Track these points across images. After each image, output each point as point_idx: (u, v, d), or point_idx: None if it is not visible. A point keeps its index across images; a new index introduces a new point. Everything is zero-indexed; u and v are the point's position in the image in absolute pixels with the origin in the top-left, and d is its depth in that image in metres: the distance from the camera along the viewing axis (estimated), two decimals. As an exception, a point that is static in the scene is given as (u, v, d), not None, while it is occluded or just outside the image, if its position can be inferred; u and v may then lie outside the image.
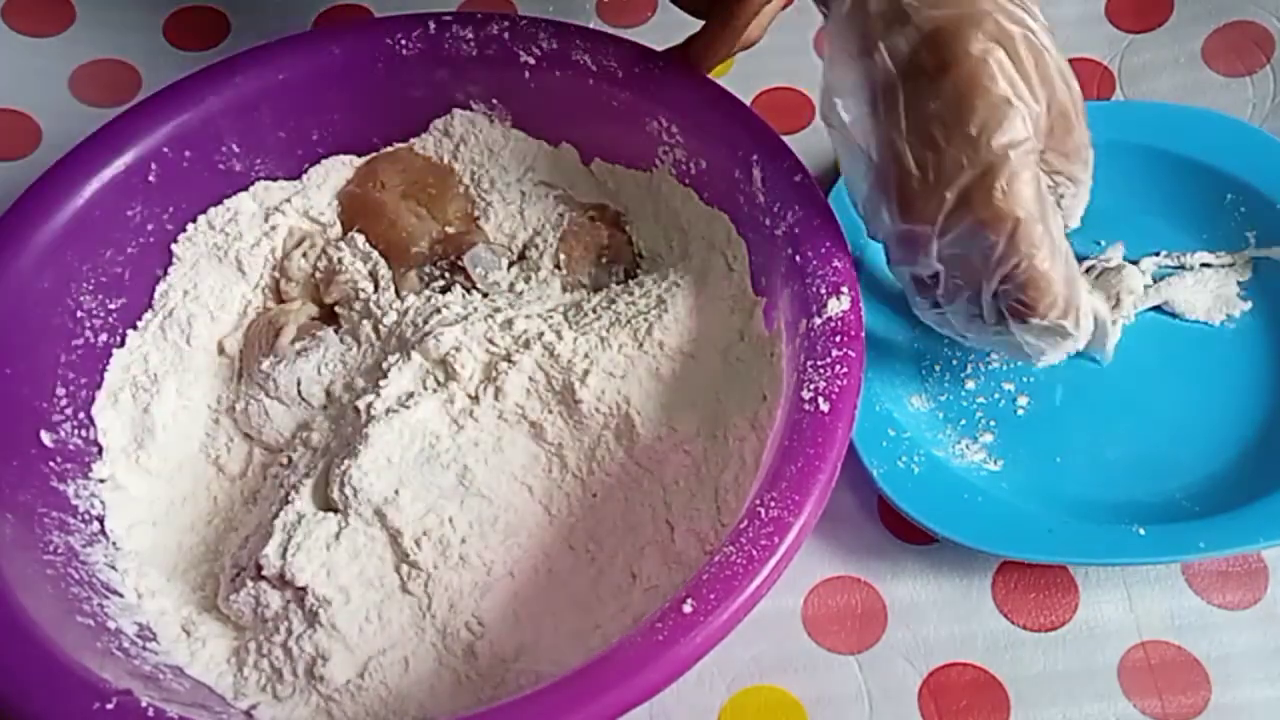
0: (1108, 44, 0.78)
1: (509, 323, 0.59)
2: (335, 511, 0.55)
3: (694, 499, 0.56)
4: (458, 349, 0.58)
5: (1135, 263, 0.67)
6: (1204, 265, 0.67)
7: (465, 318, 0.60)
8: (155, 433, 0.61)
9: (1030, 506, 0.60)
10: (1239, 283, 0.67)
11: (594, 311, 0.61)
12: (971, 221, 0.51)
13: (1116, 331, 0.63)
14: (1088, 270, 0.65)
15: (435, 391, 0.58)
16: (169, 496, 0.60)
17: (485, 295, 0.64)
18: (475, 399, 0.57)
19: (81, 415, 0.59)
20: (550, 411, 0.57)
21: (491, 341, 0.59)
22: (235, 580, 0.55)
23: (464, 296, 0.63)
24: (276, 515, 0.55)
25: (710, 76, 0.62)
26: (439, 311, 0.61)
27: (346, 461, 0.55)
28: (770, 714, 0.57)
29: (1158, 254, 0.68)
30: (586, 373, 0.57)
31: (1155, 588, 0.59)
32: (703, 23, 0.62)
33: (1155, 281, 0.66)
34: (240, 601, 0.54)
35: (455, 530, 0.55)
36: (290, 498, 0.55)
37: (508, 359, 0.58)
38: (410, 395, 0.58)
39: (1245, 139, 0.69)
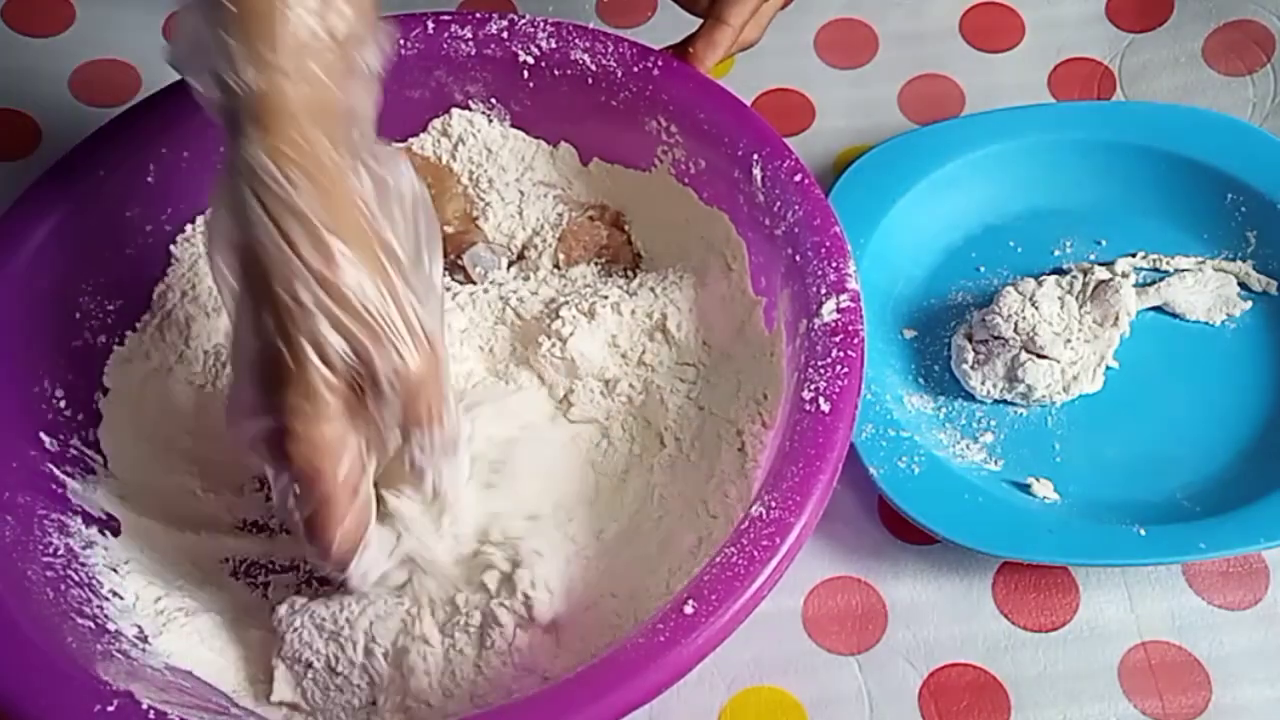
0: (1108, 44, 0.78)
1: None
2: None
3: (694, 499, 0.56)
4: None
5: (1111, 264, 0.67)
6: (1181, 270, 0.67)
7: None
8: (155, 433, 0.61)
9: (1030, 506, 0.60)
10: (1239, 283, 0.67)
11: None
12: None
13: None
14: (1083, 279, 0.65)
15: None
16: (169, 497, 0.60)
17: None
18: None
19: (81, 416, 0.59)
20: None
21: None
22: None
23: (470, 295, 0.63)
24: None
25: (710, 76, 0.62)
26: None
27: None
28: (770, 714, 0.57)
29: (1134, 254, 0.68)
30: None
31: (1156, 588, 0.59)
32: (701, 21, 0.62)
33: (1147, 285, 0.66)
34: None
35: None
36: None
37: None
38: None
39: (1245, 139, 0.69)
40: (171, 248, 0.63)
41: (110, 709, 0.45)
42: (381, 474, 0.50)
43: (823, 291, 0.54)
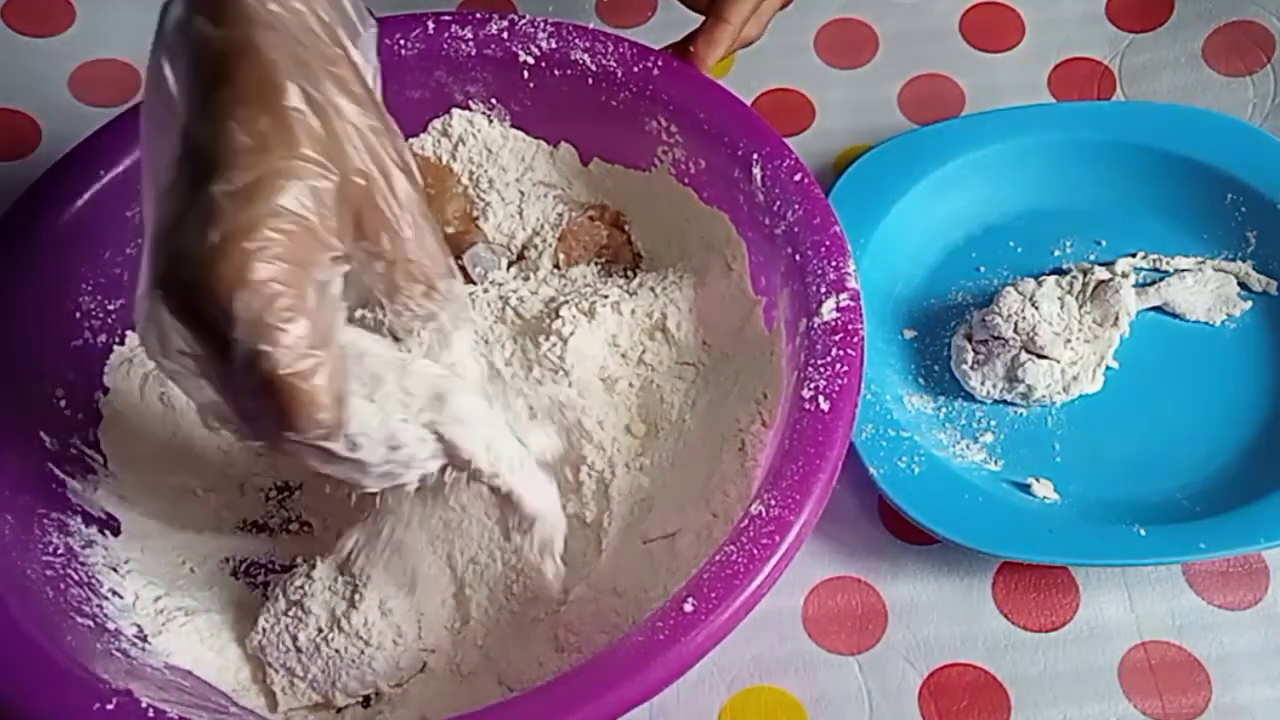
0: (1108, 44, 0.78)
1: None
2: None
3: (694, 498, 0.56)
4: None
5: (1111, 264, 0.67)
6: (1181, 271, 0.67)
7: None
8: (155, 433, 0.61)
9: (1030, 506, 0.60)
10: (1239, 283, 0.67)
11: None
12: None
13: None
14: (1083, 279, 0.65)
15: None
16: (169, 497, 0.60)
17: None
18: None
19: (81, 416, 0.59)
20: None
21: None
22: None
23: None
24: None
25: (710, 76, 0.62)
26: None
27: None
28: (770, 714, 0.57)
29: (1134, 254, 0.68)
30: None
31: (1156, 588, 0.59)
32: (702, 19, 0.62)
33: (1147, 285, 0.66)
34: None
35: None
36: None
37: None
38: None
39: (1245, 139, 0.69)
40: (172, 247, 0.63)
41: (109, 707, 0.45)
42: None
43: (822, 290, 0.54)
